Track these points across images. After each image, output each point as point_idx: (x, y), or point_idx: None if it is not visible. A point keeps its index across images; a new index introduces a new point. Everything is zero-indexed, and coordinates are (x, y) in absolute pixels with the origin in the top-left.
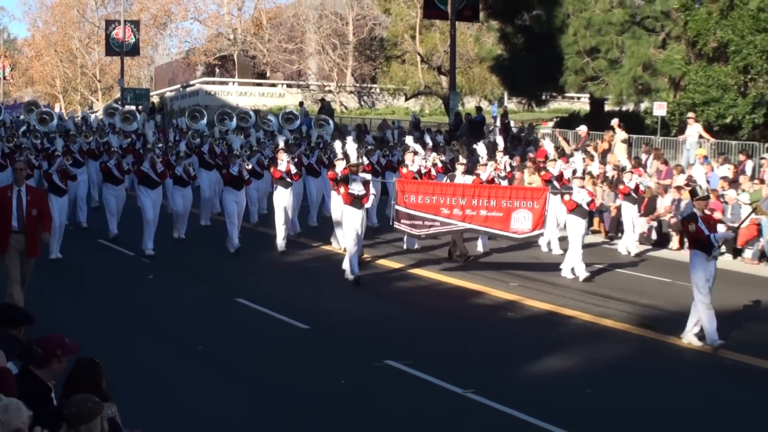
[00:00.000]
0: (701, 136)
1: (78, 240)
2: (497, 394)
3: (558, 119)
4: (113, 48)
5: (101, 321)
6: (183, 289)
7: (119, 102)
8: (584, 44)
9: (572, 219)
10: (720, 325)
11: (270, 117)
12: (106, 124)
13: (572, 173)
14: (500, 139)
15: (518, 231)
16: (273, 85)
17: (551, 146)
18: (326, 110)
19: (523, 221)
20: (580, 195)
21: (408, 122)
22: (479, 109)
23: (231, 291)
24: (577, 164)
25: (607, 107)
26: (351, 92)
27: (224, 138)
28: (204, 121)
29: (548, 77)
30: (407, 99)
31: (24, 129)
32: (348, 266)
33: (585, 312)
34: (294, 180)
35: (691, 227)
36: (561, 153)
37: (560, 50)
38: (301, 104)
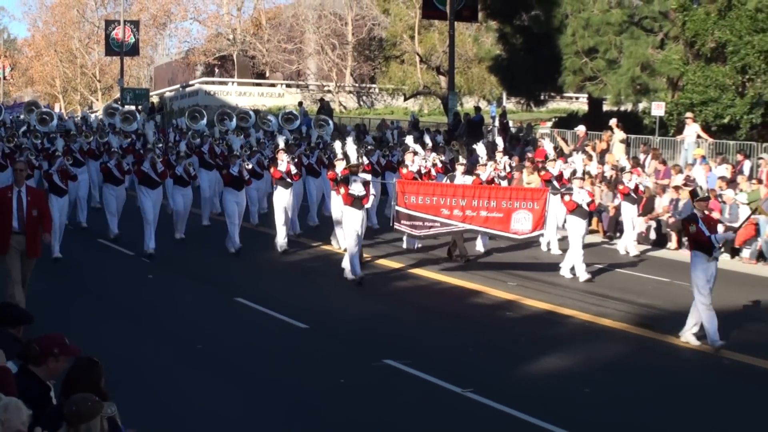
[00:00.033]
0: (699, 136)
1: (78, 240)
2: (496, 394)
3: (556, 119)
4: (113, 48)
5: (101, 320)
6: (183, 289)
7: (119, 102)
8: (582, 44)
9: (572, 219)
10: (719, 325)
11: (270, 117)
12: (106, 125)
13: (572, 173)
14: (500, 140)
15: (518, 232)
16: (272, 85)
17: (550, 146)
18: (325, 110)
19: (524, 222)
20: (581, 195)
21: (407, 122)
22: (478, 109)
23: (230, 290)
24: (577, 164)
25: (606, 107)
26: (350, 92)
27: (224, 138)
28: (204, 122)
29: (547, 77)
30: (406, 99)
31: (24, 129)
32: (348, 265)
33: (583, 311)
34: (294, 180)
35: (692, 228)
36: (560, 153)
37: (559, 50)
38: (300, 104)
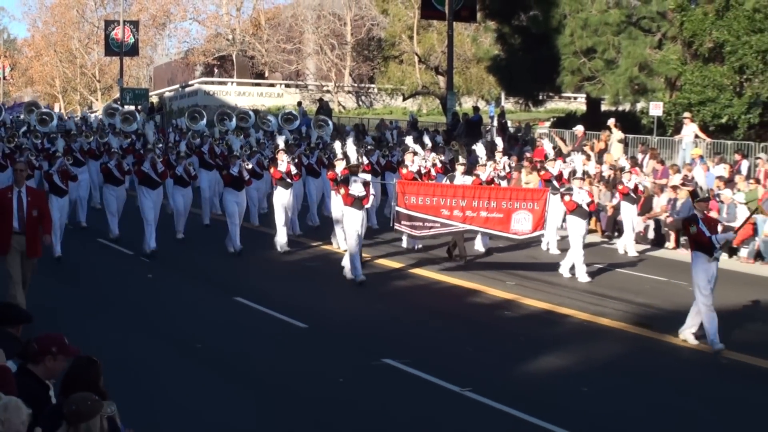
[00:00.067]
0: (697, 136)
1: (77, 239)
2: (494, 393)
3: (555, 119)
4: (112, 48)
5: (100, 319)
6: (182, 288)
7: (118, 102)
8: (581, 44)
9: (572, 219)
10: (719, 327)
11: (269, 117)
12: (106, 125)
13: (572, 174)
14: (499, 140)
15: (518, 232)
16: (271, 85)
17: (550, 146)
18: (324, 110)
19: (524, 222)
20: (581, 195)
21: (405, 122)
22: (476, 109)
23: (230, 290)
24: (577, 164)
25: (604, 107)
26: (349, 92)
27: (224, 138)
28: (204, 122)
29: (545, 77)
30: (405, 99)
31: (24, 129)
32: (348, 265)
33: (581, 311)
34: (294, 180)
35: (692, 229)
36: (558, 153)
37: (557, 50)
38: (299, 104)
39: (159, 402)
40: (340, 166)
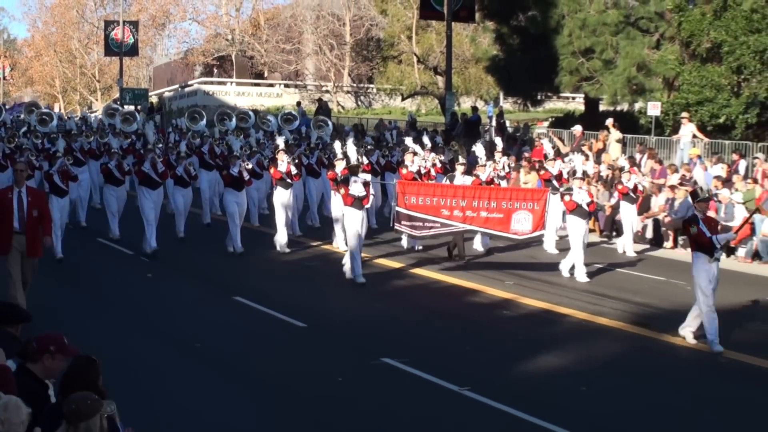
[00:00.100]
0: (695, 136)
1: (77, 239)
2: (493, 392)
3: (553, 119)
4: (112, 48)
5: (99, 319)
6: (182, 288)
7: (118, 102)
8: (579, 45)
9: (572, 219)
10: (719, 329)
11: (269, 117)
12: (106, 125)
13: (572, 173)
14: (499, 140)
15: (518, 232)
16: (271, 85)
17: (549, 146)
18: (323, 110)
19: (524, 222)
20: (581, 195)
21: (404, 122)
22: (475, 109)
23: (229, 290)
24: (577, 164)
25: (602, 107)
26: (348, 92)
27: (224, 138)
28: (203, 122)
29: (543, 77)
30: (404, 99)
31: (25, 130)
32: (349, 264)
33: (580, 310)
34: (294, 180)
35: (693, 229)
36: (557, 152)
37: (555, 51)
38: (299, 104)
39: (158, 401)
40: (340, 166)
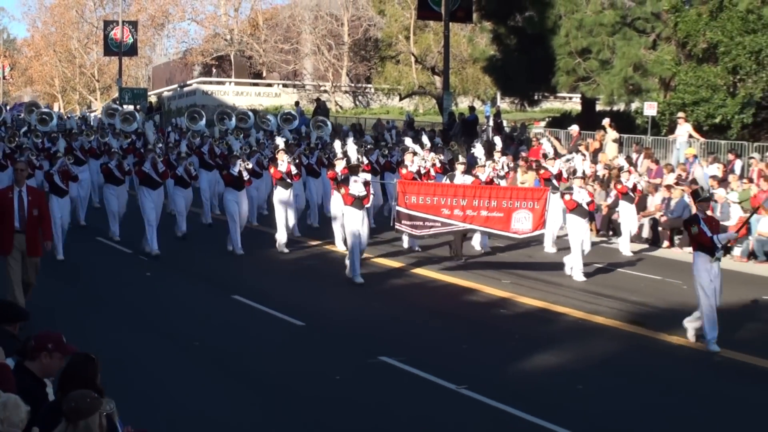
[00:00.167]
0: (691, 136)
1: (76, 238)
2: (490, 390)
3: (550, 119)
4: (111, 48)
5: (98, 317)
6: (180, 286)
7: (117, 101)
8: (576, 45)
9: (572, 218)
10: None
11: (269, 117)
12: (106, 125)
13: (573, 173)
14: (498, 139)
15: (519, 231)
16: (269, 85)
17: (549, 145)
18: (322, 110)
19: (524, 221)
20: (581, 194)
21: (402, 122)
22: (472, 109)
23: (228, 288)
24: (577, 164)
25: (599, 107)
26: (346, 92)
27: (224, 138)
28: (203, 122)
29: (540, 77)
30: (401, 99)
31: (25, 129)
32: (349, 265)
33: (577, 309)
34: (294, 180)
35: (694, 229)
36: (555, 152)
37: (552, 51)
38: (297, 104)
39: (157, 400)
40: (341, 166)
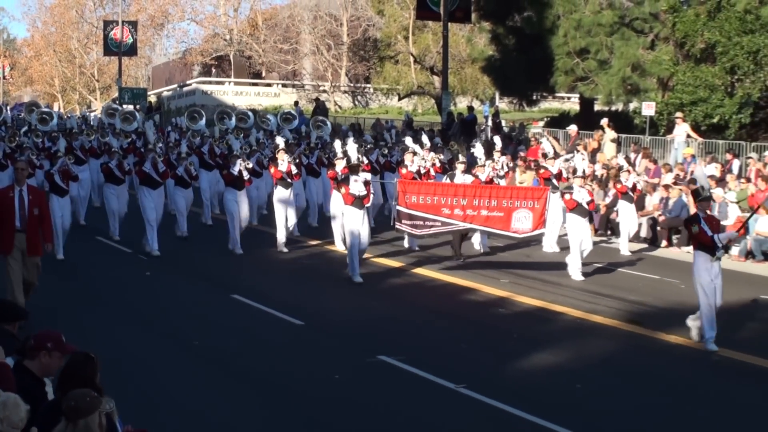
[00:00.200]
0: (689, 136)
1: (76, 237)
2: (489, 389)
3: (548, 119)
4: (111, 48)
5: (97, 316)
6: (180, 286)
7: (117, 101)
8: (574, 45)
9: (572, 218)
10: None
11: (269, 116)
12: (107, 124)
13: (573, 172)
14: (498, 139)
15: (519, 231)
16: (268, 85)
17: (549, 144)
18: (321, 110)
19: (524, 221)
20: (581, 194)
21: (401, 122)
22: (471, 109)
23: (227, 288)
24: (578, 163)
25: (597, 107)
26: (345, 92)
27: (224, 138)
28: (203, 122)
29: (539, 77)
30: (400, 99)
31: (25, 129)
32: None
33: (575, 308)
34: (294, 180)
35: (694, 229)
36: (554, 152)
37: (551, 51)
38: (296, 104)
39: (156, 399)
40: (341, 165)
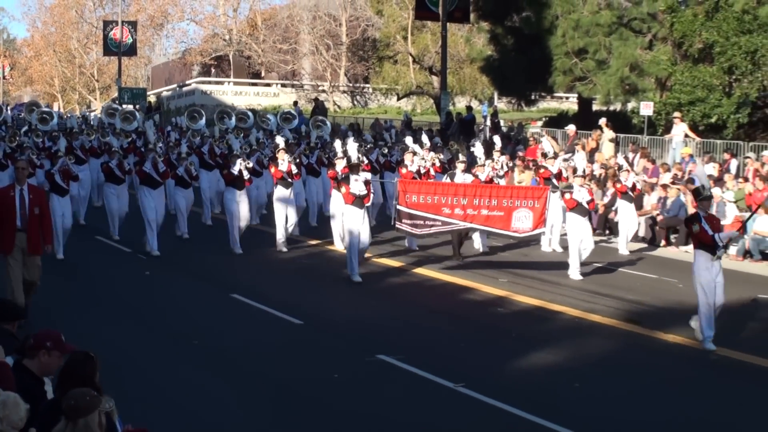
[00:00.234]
0: (687, 135)
1: (76, 237)
2: (487, 388)
3: (547, 119)
4: (111, 48)
5: (97, 316)
6: (179, 285)
7: (116, 101)
8: (572, 45)
9: (572, 217)
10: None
11: (269, 116)
12: (107, 124)
13: (574, 171)
14: (497, 138)
15: (519, 230)
16: (268, 85)
17: (548, 144)
18: (320, 110)
19: (524, 220)
20: (581, 193)
21: (400, 121)
22: (469, 109)
23: (227, 287)
24: (578, 163)
25: (595, 107)
26: (344, 92)
27: (224, 137)
28: (203, 121)
29: (537, 77)
30: (399, 99)
31: (26, 129)
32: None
33: (573, 307)
34: (294, 180)
35: (695, 228)
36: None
37: (549, 51)
38: (296, 103)
39: (155, 398)
40: (341, 165)
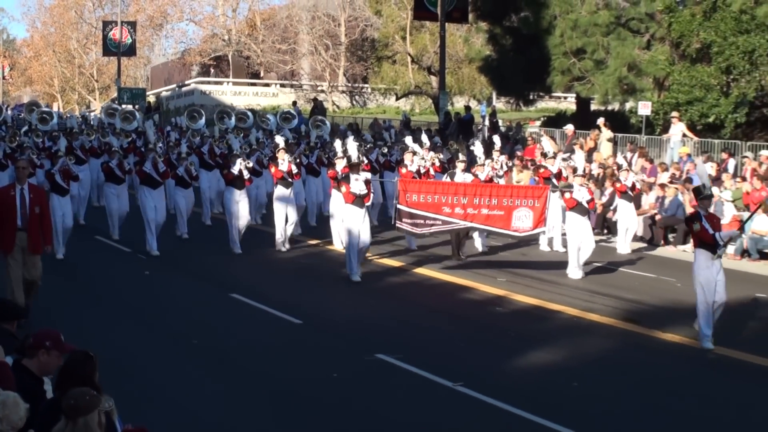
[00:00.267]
0: (685, 135)
1: (75, 236)
2: (486, 387)
3: (545, 118)
4: (110, 48)
5: (97, 315)
6: (179, 285)
7: (116, 101)
8: (571, 45)
9: (572, 217)
10: (714, 329)
11: (269, 116)
12: (107, 124)
13: (573, 171)
14: (497, 138)
15: (519, 229)
16: (267, 85)
17: (548, 144)
18: (319, 110)
19: (524, 220)
20: (581, 193)
21: (399, 121)
22: (468, 109)
23: (227, 287)
24: (578, 162)
25: (593, 107)
26: (343, 92)
27: (224, 138)
28: (203, 121)
29: (536, 77)
30: (398, 98)
31: (26, 129)
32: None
33: (571, 307)
34: (294, 179)
35: (696, 227)
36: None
37: (547, 51)
38: (295, 103)
39: (155, 398)
40: (341, 165)
